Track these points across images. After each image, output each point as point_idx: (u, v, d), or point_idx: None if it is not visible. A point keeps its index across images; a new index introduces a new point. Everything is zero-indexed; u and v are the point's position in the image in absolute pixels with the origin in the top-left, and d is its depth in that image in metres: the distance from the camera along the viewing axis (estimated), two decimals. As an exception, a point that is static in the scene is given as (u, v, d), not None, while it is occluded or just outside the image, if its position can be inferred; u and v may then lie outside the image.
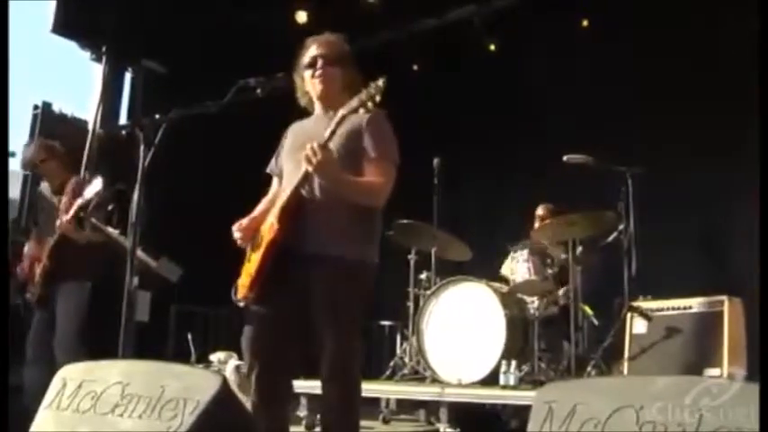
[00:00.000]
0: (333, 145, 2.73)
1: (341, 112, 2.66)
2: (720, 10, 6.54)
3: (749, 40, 4.08)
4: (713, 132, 6.53)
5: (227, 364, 5.65)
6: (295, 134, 3.01)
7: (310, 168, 2.63)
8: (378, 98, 2.61)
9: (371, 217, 2.86)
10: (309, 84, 2.94)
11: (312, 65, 2.90)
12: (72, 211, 4.35)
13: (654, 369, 4.63)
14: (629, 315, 4.91)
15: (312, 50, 2.94)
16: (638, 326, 4.90)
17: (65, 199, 4.55)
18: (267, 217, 2.86)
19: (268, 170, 3.11)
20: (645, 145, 6.65)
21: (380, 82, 2.61)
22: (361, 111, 2.63)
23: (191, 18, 7.76)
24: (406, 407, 5.80)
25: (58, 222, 4.45)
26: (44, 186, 4.89)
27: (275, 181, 3.09)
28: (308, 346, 2.76)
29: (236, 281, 2.86)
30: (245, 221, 2.92)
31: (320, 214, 2.76)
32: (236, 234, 2.89)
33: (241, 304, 2.81)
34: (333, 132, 2.67)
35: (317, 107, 2.98)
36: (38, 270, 4.55)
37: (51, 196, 4.76)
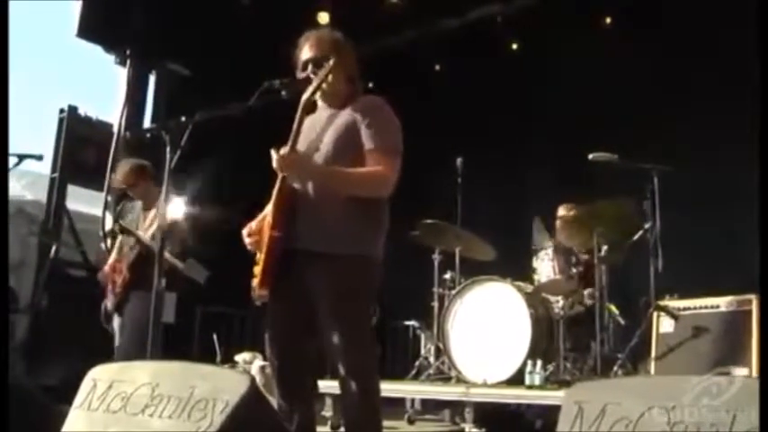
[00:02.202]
0: (326, 139, 2.78)
1: (302, 99, 2.76)
2: (746, 7, 6.47)
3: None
4: (739, 129, 6.45)
5: (253, 364, 5.67)
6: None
7: (281, 173, 2.70)
8: (329, 78, 2.72)
9: (371, 210, 2.80)
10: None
11: (304, 69, 2.91)
12: (153, 228, 4.51)
13: (681, 369, 4.58)
14: (655, 314, 4.87)
15: (303, 54, 2.94)
16: (665, 325, 4.85)
17: (151, 214, 4.69)
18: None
19: None
20: (670, 142, 6.59)
21: (331, 61, 2.71)
22: (318, 95, 2.78)
23: (213, 20, 7.81)
24: (431, 407, 5.79)
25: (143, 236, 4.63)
26: (137, 204, 5.04)
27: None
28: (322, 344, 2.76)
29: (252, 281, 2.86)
30: (254, 225, 2.91)
31: (314, 210, 2.74)
32: (247, 240, 2.89)
33: (257, 303, 2.81)
34: (297, 126, 2.74)
35: (320, 102, 2.97)
36: (119, 280, 4.75)
37: (141, 213, 4.93)
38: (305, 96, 2.76)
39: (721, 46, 6.73)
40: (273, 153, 2.69)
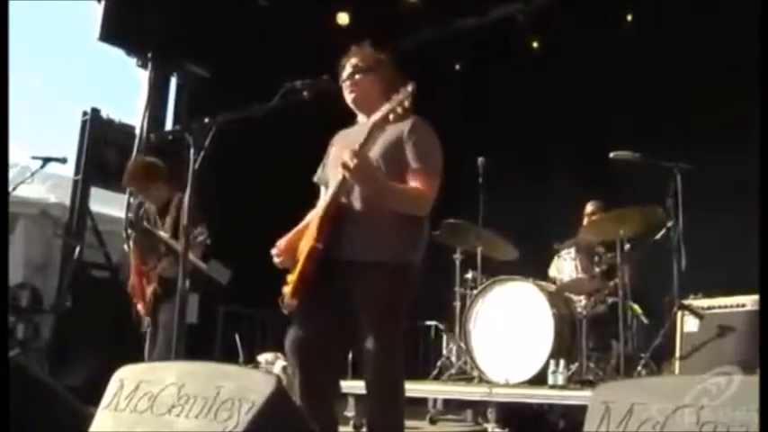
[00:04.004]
0: (372, 154, 2.76)
1: (372, 119, 2.71)
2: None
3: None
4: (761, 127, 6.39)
5: (275, 364, 5.70)
6: (340, 143, 3.03)
7: (347, 174, 2.66)
8: (406, 103, 2.62)
9: (416, 221, 2.85)
10: (345, 94, 2.97)
11: (349, 77, 2.94)
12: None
13: (706, 368, 4.49)
14: (679, 313, 4.82)
15: (348, 63, 2.97)
16: (689, 324, 4.80)
17: (170, 220, 4.50)
18: (306, 231, 2.89)
19: (315, 179, 3.12)
20: (692, 140, 6.55)
21: (410, 87, 2.63)
22: (392, 116, 2.63)
23: (232, 22, 7.85)
24: (453, 407, 5.78)
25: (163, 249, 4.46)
26: (151, 207, 4.74)
27: (322, 190, 3.09)
28: (352, 348, 2.78)
29: (282, 288, 2.87)
30: (282, 243, 2.93)
31: (362, 222, 2.77)
32: (276, 259, 2.91)
33: (285, 311, 2.83)
34: (368, 137, 2.68)
35: (360, 115, 3.00)
36: (149, 290, 4.54)
37: (156, 218, 4.61)
38: (376, 117, 2.68)
39: (743, 43, 6.66)
40: (350, 152, 2.64)
